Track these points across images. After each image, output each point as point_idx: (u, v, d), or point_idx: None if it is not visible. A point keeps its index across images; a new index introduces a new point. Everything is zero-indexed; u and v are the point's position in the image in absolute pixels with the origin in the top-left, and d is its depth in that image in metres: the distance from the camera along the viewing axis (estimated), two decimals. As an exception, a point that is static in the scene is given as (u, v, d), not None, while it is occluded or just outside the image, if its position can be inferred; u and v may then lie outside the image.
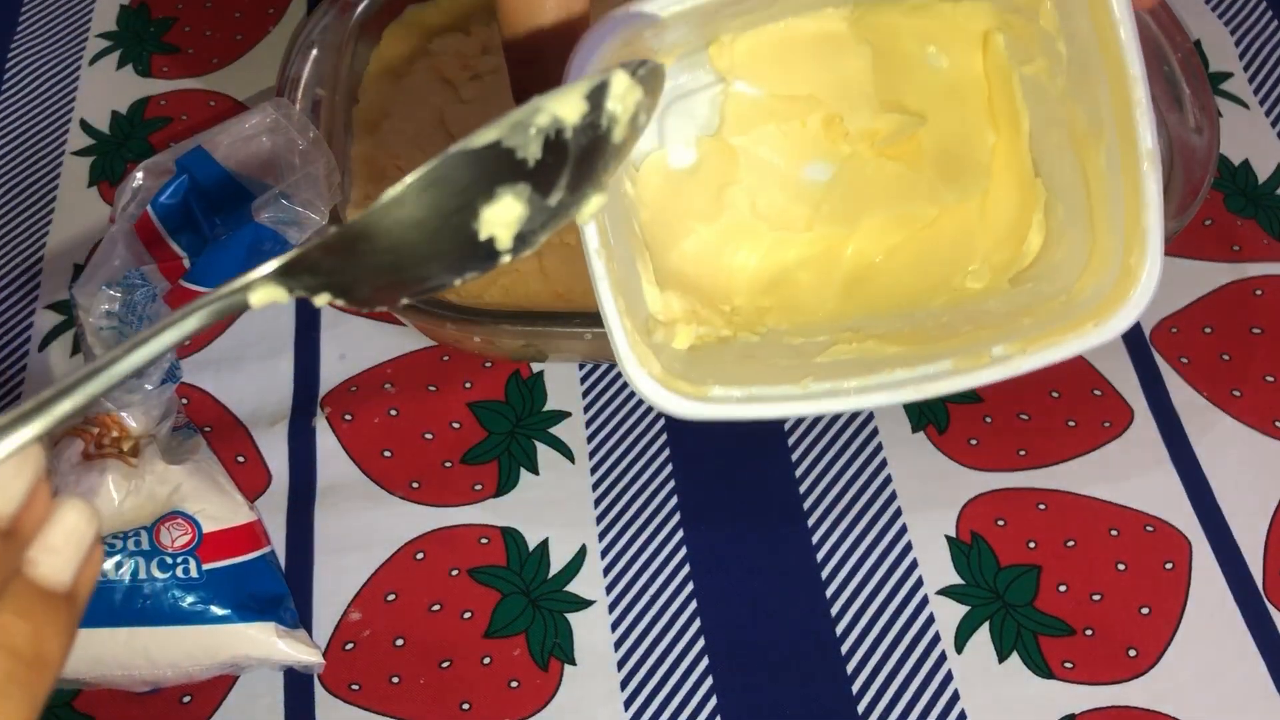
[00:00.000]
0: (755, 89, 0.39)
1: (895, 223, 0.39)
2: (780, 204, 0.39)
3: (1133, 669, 0.47)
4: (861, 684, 0.47)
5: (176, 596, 0.46)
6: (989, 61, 0.37)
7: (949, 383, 0.34)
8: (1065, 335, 0.34)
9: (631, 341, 0.34)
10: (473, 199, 0.27)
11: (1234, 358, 0.55)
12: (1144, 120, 0.32)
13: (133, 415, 0.49)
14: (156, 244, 0.55)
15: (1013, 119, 0.37)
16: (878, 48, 0.38)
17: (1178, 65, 0.55)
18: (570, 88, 0.28)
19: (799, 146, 0.39)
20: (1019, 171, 0.38)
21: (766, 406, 0.34)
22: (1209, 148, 0.52)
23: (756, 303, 0.39)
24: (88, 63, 0.68)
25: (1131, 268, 0.33)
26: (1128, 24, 0.32)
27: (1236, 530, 0.51)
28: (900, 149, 0.39)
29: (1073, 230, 0.35)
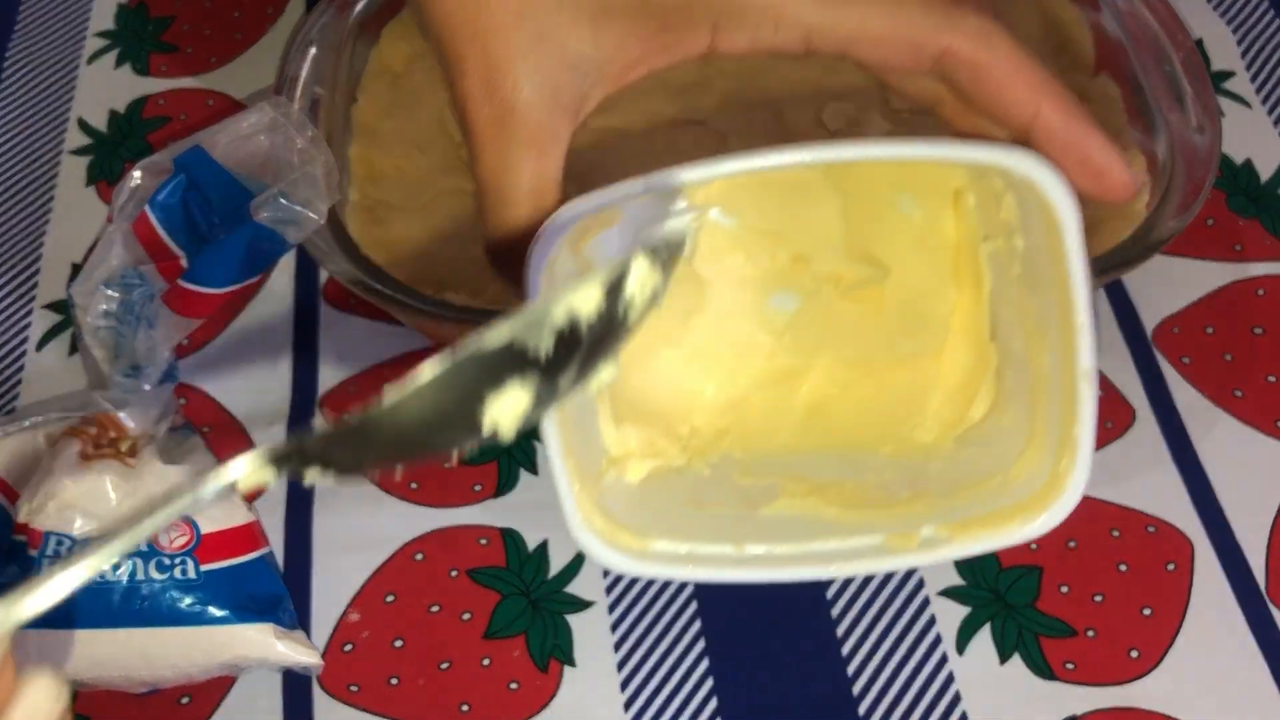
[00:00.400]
0: (729, 219, 0.39)
1: (851, 363, 0.40)
2: (745, 331, 0.40)
3: (1135, 670, 0.47)
4: (863, 685, 0.47)
5: (175, 597, 0.46)
6: (959, 220, 0.38)
7: (876, 562, 0.36)
8: (991, 529, 0.35)
9: (579, 501, 0.35)
10: (480, 392, 0.27)
11: (1236, 358, 0.55)
12: (1084, 342, 0.33)
13: (130, 415, 0.49)
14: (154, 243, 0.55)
15: (976, 281, 0.38)
16: (850, 195, 0.39)
17: (1179, 64, 0.54)
18: (589, 280, 0.28)
19: (767, 278, 0.40)
20: (976, 333, 0.38)
21: (704, 570, 0.36)
22: (1211, 147, 0.52)
23: (715, 423, 0.40)
24: (85, 61, 0.68)
25: (1061, 474, 0.34)
26: (1077, 256, 0.33)
27: (1239, 531, 0.51)
28: (864, 294, 0.40)
29: (1018, 402, 0.36)
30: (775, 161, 0.33)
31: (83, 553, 0.28)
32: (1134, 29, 0.56)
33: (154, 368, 0.50)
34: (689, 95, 0.55)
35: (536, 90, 0.33)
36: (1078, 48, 0.59)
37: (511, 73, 0.33)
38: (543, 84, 0.33)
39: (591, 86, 0.33)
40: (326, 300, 0.58)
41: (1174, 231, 0.49)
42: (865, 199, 0.39)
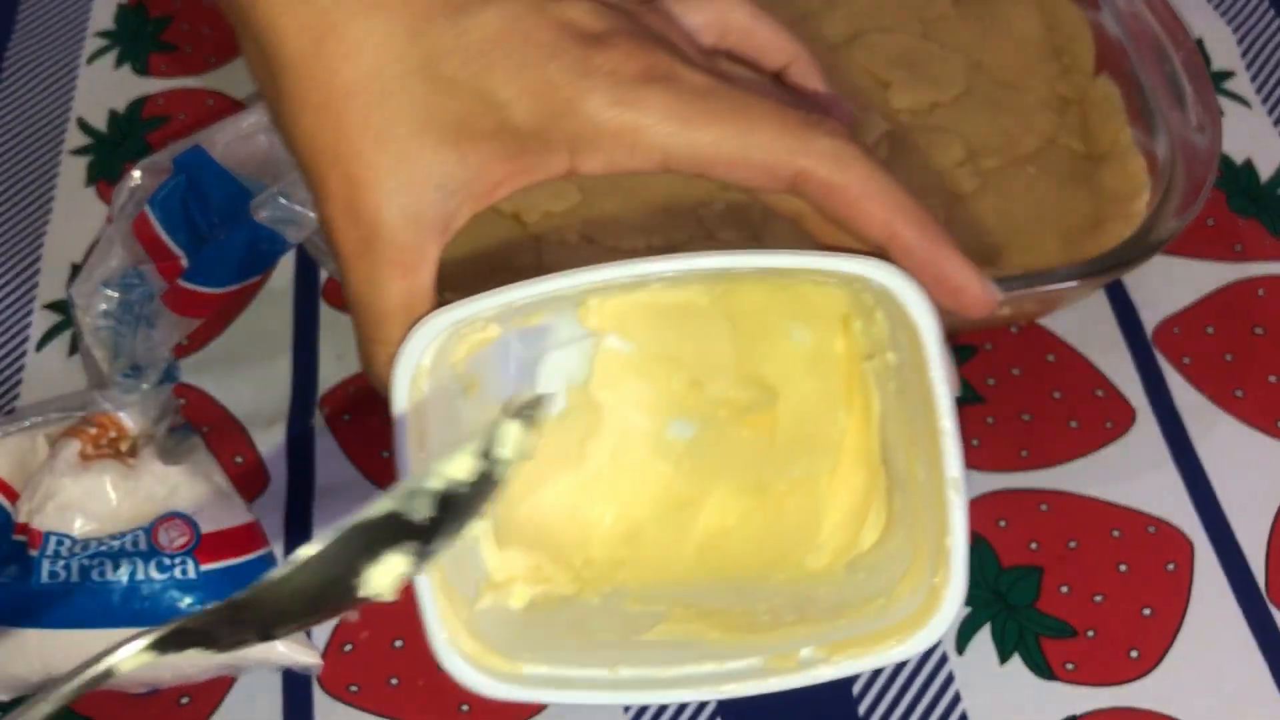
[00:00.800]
0: (626, 345, 0.40)
1: (746, 490, 0.40)
2: (641, 458, 0.40)
3: (1135, 670, 0.47)
4: (862, 684, 0.47)
5: (174, 597, 0.46)
6: (848, 344, 0.39)
7: (754, 684, 0.35)
8: (871, 648, 0.35)
9: (444, 617, 0.35)
10: (358, 565, 0.29)
11: (1236, 358, 0.55)
12: (950, 449, 0.33)
13: (130, 415, 0.49)
14: (154, 243, 0.55)
15: (866, 404, 0.38)
16: (739, 321, 0.39)
17: (1180, 64, 0.54)
18: (464, 448, 0.29)
19: (664, 404, 0.40)
20: (867, 456, 0.39)
21: (576, 693, 0.36)
22: (1211, 147, 0.52)
23: (611, 555, 0.40)
24: (85, 61, 0.68)
25: (937, 588, 0.34)
26: (936, 363, 0.33)
27: (1239, 531, 0.51)
28: (756, 418, 0.40)
29: (905, 525, 0.36)
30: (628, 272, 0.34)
31: None
32: (1134, 29, 0.56)
33: (154, 368, 0.50)
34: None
35: (400, 211, 0.33)
36: (1078, 48, 0.59)
37: (374, 195, 0.33)
38: (406, 205, 0.33)
39: (459, 204, 0.34)
40: (326, 300, 0.58)
41: (1174, 231, 0.49)
42: (755, 325, 0.39)
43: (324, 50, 0.33)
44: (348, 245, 0.34)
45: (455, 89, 0.33)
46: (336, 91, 0.33)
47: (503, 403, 0.37)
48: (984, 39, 0.60)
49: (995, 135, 0.56)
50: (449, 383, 0.36)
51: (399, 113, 0.33)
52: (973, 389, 0.54)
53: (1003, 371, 0.55)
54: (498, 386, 0.38)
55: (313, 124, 0.33)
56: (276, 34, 0.33)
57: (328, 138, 0.33)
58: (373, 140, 0.33)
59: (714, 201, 0.53)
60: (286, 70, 0.33)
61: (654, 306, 0.39)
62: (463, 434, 0.36)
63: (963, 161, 0.55)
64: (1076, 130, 0.57)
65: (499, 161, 0.33)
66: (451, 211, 0.34)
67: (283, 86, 0.33)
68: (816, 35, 0.60)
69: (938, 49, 0.59)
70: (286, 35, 0.33)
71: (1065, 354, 0.55)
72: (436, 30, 0.33)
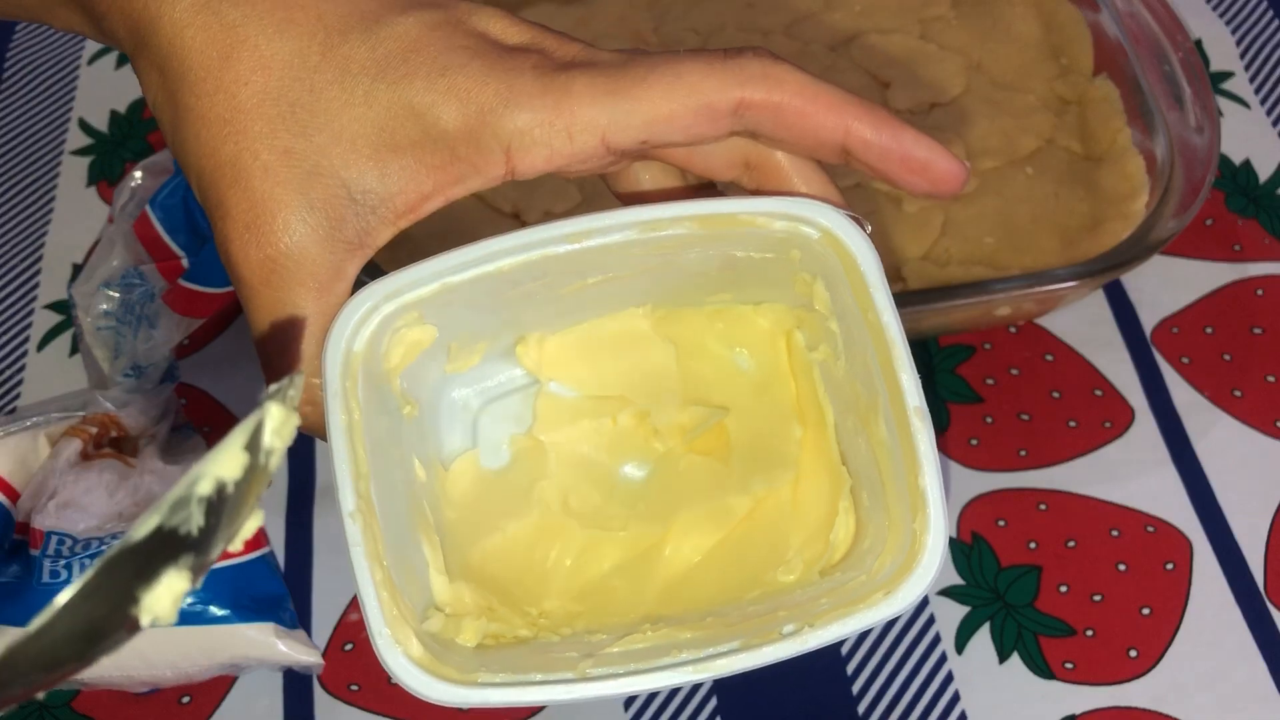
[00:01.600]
0: (568, 390, 0.39)
1: (709, 518, 0.39)
2: (594, 502, 0.39)
3: (1133, 669, 0.47)
4: (862, 684, 0.47)
5: (175, 597, 0.46)
6: (793, 358, 0.38)
7: (733, 661, 0.33)
8: (856, 607, 0.33)
9: (388, 615, 0.32)
10: (132, 590, 0.26)
11: (1235, 358, 0.55)
12: (907, 378, 0.33)
13: (131, 415, 0.49)
14: (155, 243, 0.55)
15: (818, 411, 0.38)
16: (681, 346, 0.39)
17: (1178, 64, 0.55)
18: (228, 443, 0.27)
19: (613, 445, 0.39)
20: (827, 463, 0.38)
21: (538, 691, 0.33)
22: (1210, 147, 0.52)
23: (569, 608, 0.38)
24: (86, 62, 0.68)
25: (917, 534, 0.33)
26: (881, 290, 0.33)
27: (1237, 530, 0.51)
28: (708, 443, 0.39)
29: (876, 517, 0.36)
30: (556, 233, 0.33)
31: None
32: (1133, 29, 0.56)
33: (154, 368, 0.50)
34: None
35: (311, 229, 0.31)
36: (1077, 48, 0.59)
37: (281, 212, 0.31)
38: (319, 221, 0.31)
39: (379, 221, 0.32)
40: (327, 300, 0.58)
41: (1173, 231, 0.49)
42: (697, 353, 0.39)
43: (232, 64, 0.31)
44: (250, 268, 0.32)
45: (373, 100, 0.31)
46: (243, 105, 0.31)
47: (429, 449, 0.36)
48: (983, 40, 0.60)
49: (994, 136, 0.57)
50: (384, 393, 0.34)
51: (311, 125, 0.31)
52: (971, 389, 0.54)
53: (1001, 371, 0.55)
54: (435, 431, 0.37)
55: (214, 138, 0.32)
56: (181, 49, 0.31)
57: (228, 152, 0.31)
58: (281, 153, 0.31)
59: None
60: (188, 85, 0.31)
61: (593, 340, 0.38)
62: (406, 458, 0.35)
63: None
64: (1075, 131, 0.57)
65: (426, 172, 0.32)
66: (369, 228, 0.32)
67: (183, 102, 0.32)
68: (816, 35, 0.60)
69: (937, 50, 0.60)
70: (191, 50, 0.31)
71: (1064, 354, 0.55)
72: (351, 43, 0.31)
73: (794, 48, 0.59)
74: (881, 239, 0.52)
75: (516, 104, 0.31)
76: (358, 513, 0.32)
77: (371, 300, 0.32)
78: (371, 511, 0.33)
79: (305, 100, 0.31)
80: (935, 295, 0.49)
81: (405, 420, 0.36)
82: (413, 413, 0.36)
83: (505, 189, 0.55)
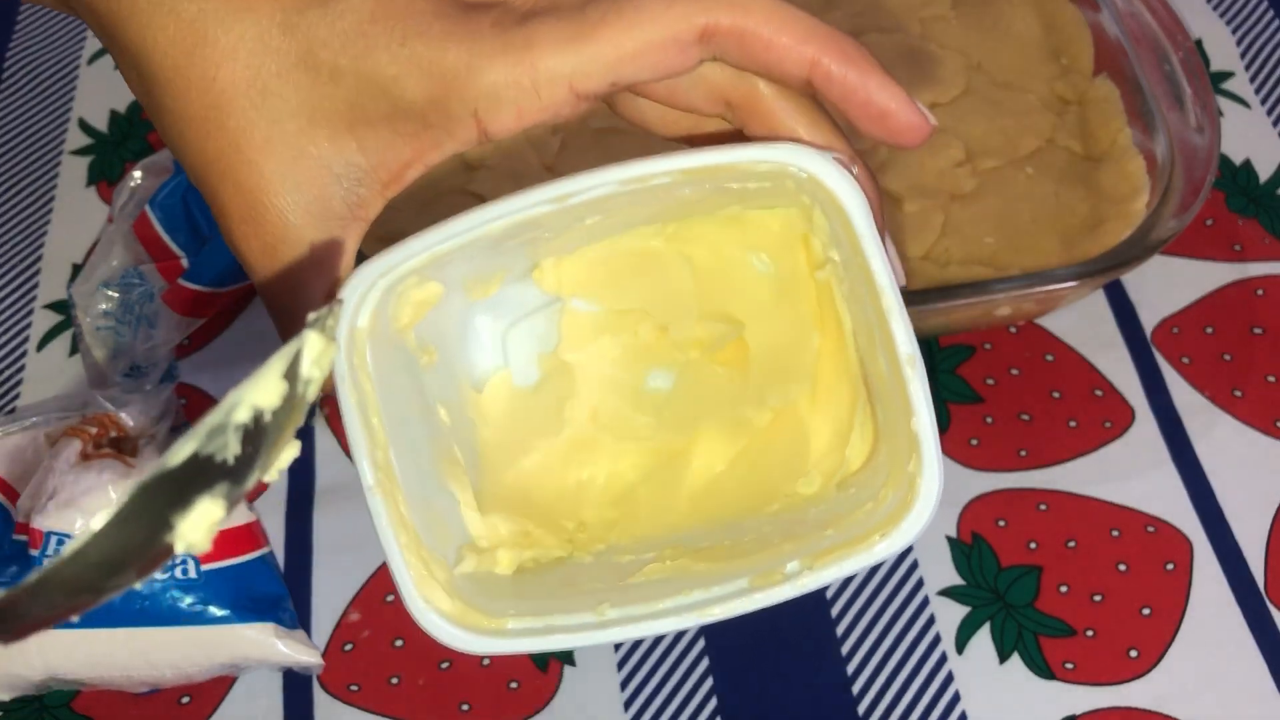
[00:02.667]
0: (590, 305, 0.39)
1: (730, 429, 0.39)
2: (623, 414, 0.39)
3: (1134, 670, 0.47)
4: (862, 684, 0.47)
5: (175, 597, 0.46)
6: (811, 264, 0.38)
7: (741, 603, 0.34)
8: (854, 550, 0.33)
9: (417, 577, 0.34)
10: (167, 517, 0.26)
11: (1235, 358, 0.55)
12: (899, 326, 0.32)
13: (131, 415, 0.49)
14: (154, 243, 0.55)
15: (836, 319, 0.37)
16: (697, 260, 0.38)
17: (1179, 64, 0.55)
18: (266, 371, 0.27)
19: (637, 356, 0.39)
20: (845, 373, 0.37)
21: (562, 638, 0.35)
22: (1210, 147, 0.52)
23: (604, 516, 0.39)
24: (86, 62, 0.68)
25: (912, 476, 0.33)
26: (869, 237, 0.32)
27: (1238, 530, 0.51)
28: (728, 354, 0.39)
29: (888, 435, 0.36)
30: (544, 196, 0.33)
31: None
32: (1133, 29, 0.56)
33: (154, 368, 0.50)
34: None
35: (304, 210, 0.32)
36: (1077, 48, 0.59)
37: (272, 200, 0.32)
38: (309, 202, 0.32)
39: (368, 191, 0.33)
40: (327, 300, 0.58)
41: (1173, 231, 0.49)
42: (714, 261, 0.39)
43: (197, 60, 0.31)
44: (256, 257, 0.33)
45: (339, 76, 0.31)
46: (215, 99, 0.31)
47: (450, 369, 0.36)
48: (983, 40, 0.60)
49: (994, 136, 0.56)
50: (398, 351, 0.35)
51: (284, 110, 0.31)
52: (972, 389, 0.54)
53: (1002, 371, 0.55)
54: (464, 359, 0.38)
55: (197, 136, 0.32)
56: (147, 50, 0.32)
57: (213, 149, 0.32)
58: (260, 143, 0.32)
59: None
60: (160, 85, 0.32)
61: (609, 259, 0.38)
62: (428, 407, 0.36)
63: (962, 162, 0.55)
64: (1075, 131, 0.57)
65: (403, 142, 0.32)
66: (360, 200, 0.33)
67: (161, 103, 0.32)
68: (816, 36, 0.60)
69: (937, 49, 0.60)
70: (156, 50, 0.32)
71: (1064, 354, 0.55)
72: (310, 20, 0.31)
73: (794, 47, 0.59)
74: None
75: (479, 68, 0.31)
76: (377, 486, 0.33)
77: (365, 281, 0.33)
78: (392, 479, 0.34)
79: (274, 86, 0.31)
80: (935, 295, 0.49)
81: (424, 370, 0.36)
82: (431, 360, 0.36)
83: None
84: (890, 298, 0.32)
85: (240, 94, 0.31)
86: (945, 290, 0.49)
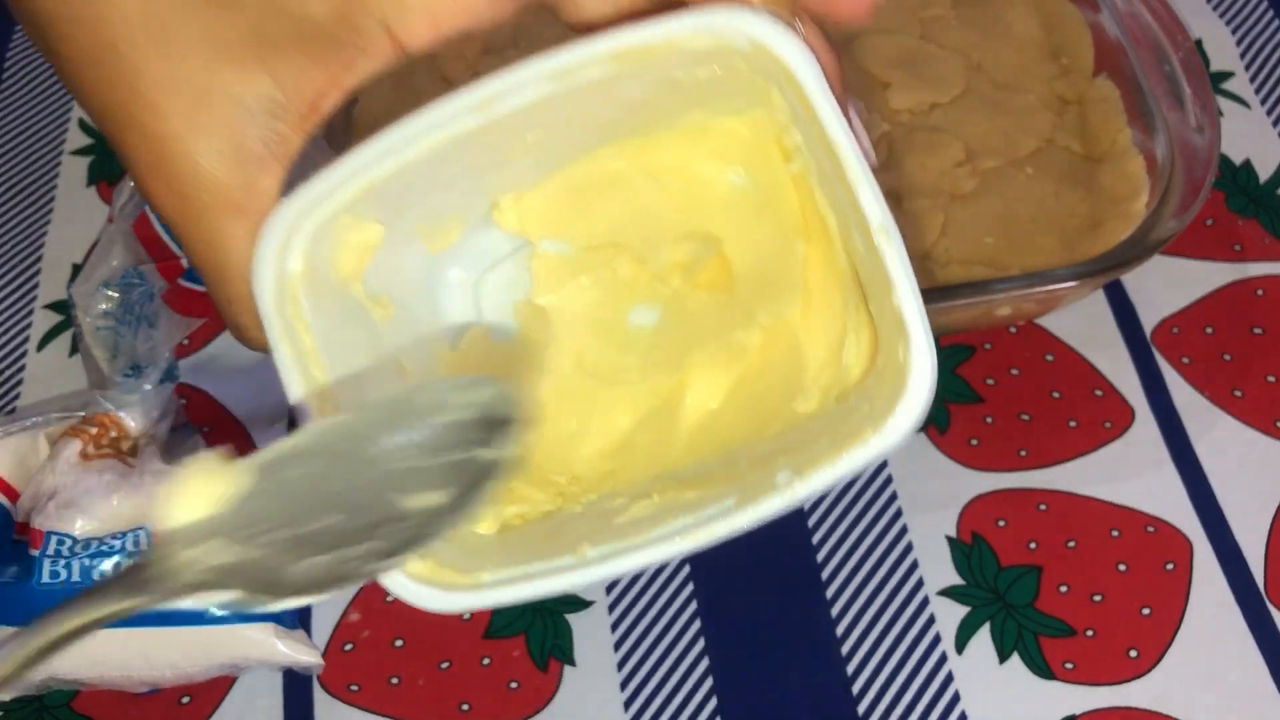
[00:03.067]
0: (560, 245, 0.36)
1: (722, 356, 0.36)
2: (609, 357, 0.37)
3: (1134, 670, 0.47)
4: (862, 684, 0.47)
5: (175, 597, 0.46)
6: (789, 165, 0.35)
7: (727, 524, 0.31)
8: (846, 449, 0.30)
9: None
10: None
11: (1235, 358, 0.55)
12: (867, 196, 0.29)
13: (131, 415, 0.49)
14: (155, 243, 0.55)
15: (820, 222, 0.34)
16: (665, 179, 0.36)
17: (1179, 64, 0.55)
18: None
19: (616, 294, 0.37)
20: (836, 278, 0.35)
21: (541, 584, 0.32)
22: (1210, 147, 0.52)
23: (599, 468, 0.36)
24: (86, 62, 0.68)
25: (902, 362, 0.30)
26: (823, 99, 0.30)
27: (1238, 531, 0.51)
28: (710, 277, 0.36)
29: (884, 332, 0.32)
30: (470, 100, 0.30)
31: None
32: (1133, 29, 0.56)
33: (154, 368, 0.50)
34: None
35: (216, 153, 0.29)
36: (1077, 48, 0.59)
37: (179, 144, 0.29)
38: (221, 145, 0.29)
39: (286, 127, 0.30)
40: (327, 300, 0.58)
41: (1174, 231, 0.49)
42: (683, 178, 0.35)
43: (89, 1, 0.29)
44: (170, 208, 0.30)
45: (240, 4, 0.29)
46: (109, 39, 0.29)
47: (438, 330, 0.34)
48: (983, 40, 0.60)
49: (994, 136, 0.56)
50: (345, 302, 0.32)
51: (184, 45, 0.29)
52: (972, 389, 0.54)
53: (1002, 371, 0.55)
54: (433, 317, 0.35)
55: (94, 81, 0.29)
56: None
57: (111, 94, 0.29)
58: (163, 84, 0.29)
59: None
60: (55, 31, 0.29)
61: (571, 190, 0.35)
62: (386, 359, 0.33)
63: (962, 162, 0.55)
64: (1075, 131, 0.57)
65: (315, 67, 0.30)
66: (279, 137, 0.30)
67: (58, 50, 0.30)
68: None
69: (937, 50, 0.60)
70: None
71: (1064, 354, 0.55)
72: None
73: (794, 48, 0.59)
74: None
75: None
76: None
77: (285, 221, 0.30)
78: None
79: (171, 18, 0.29)
80: (935, 295, 0.49)
81: (381, 324, 0.34)
82: (388, 314, 0.34)
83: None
84: (854, 165, 0.29)
85: (136, 30, 0.29)
86: (945, 290, 0.49)
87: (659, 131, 0.35)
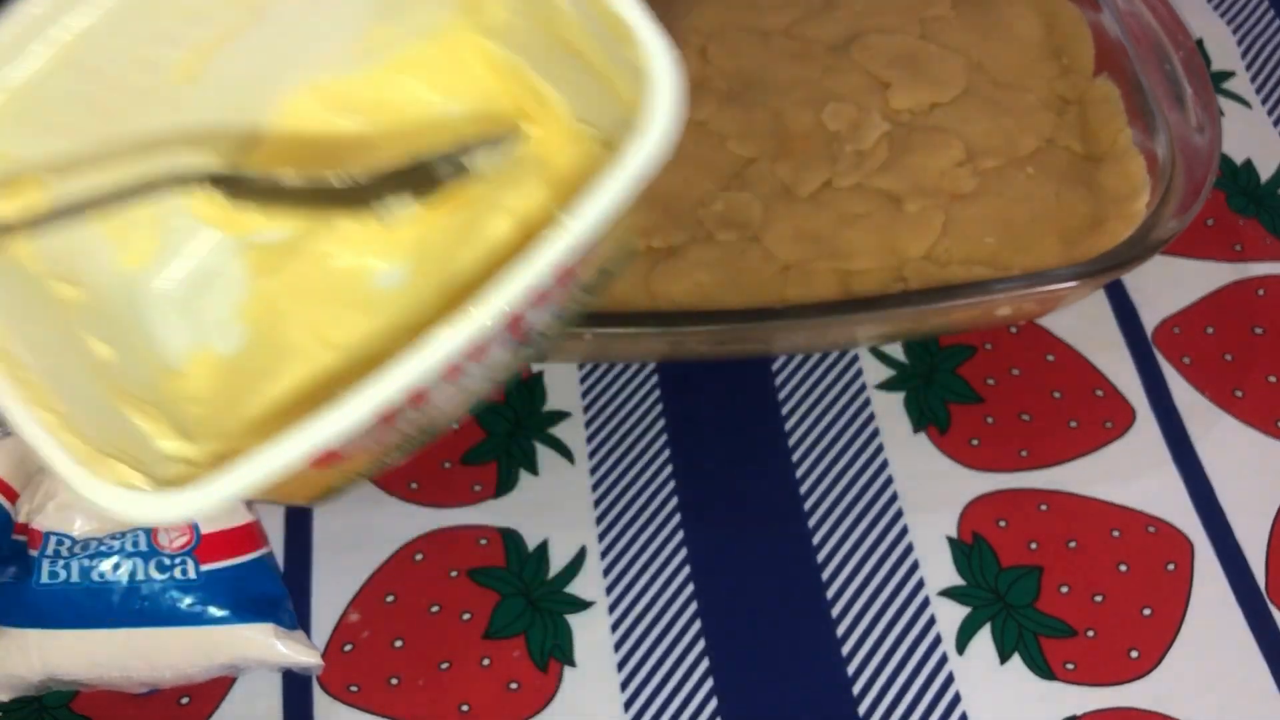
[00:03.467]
0: (270, 235, 0.34)
1: (484, 253, 0.35)
2: (360, 327, 0.34)
3: (1135, 670, 0.47)
4: (863, 685, 0.47)
5: (174, 597, 0.46)
6: (497, 70, 0.34)
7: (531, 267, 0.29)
8: (616, 165, 0.28)
9: (77, 455, 0.28)
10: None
11: (1236, 358, 0.55)
12: None
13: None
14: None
15: (540, 98, 0.34)
16: (381, 119, 0.34)
17: (1180, 64, 0.54)
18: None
19: (350, 255, 0.34)
20: (572, 138, 0.34)
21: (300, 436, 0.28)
22: (1211, 147, 0.52)
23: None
24: (86, 62, 0.68)
25: (641, 67, 0.28)
26: None
27: (1238, 531, 0.51)
28: (449, 201, 0.35)
29: (584, 88, 0.32)
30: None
31: None
32: (1134, 29, 0.56)
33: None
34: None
35: None
36: (1077, 48, 0.59)
37: None
38: None
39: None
40: (326, 300, 0.58)
41: (1174, 231, 0.49)
42: (399, 117, 0.34)
43: None
44: None
45: None
46: None
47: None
48: (983, 39, 0.60)
49: (995, 135, 0.56)
50: (15, 270, 0.30)
51: None
52: (972, 389, 0.54)
53: (1002, 371, 0.55)
54: (157, 328, 0.33)
55: None
56: None
57: None
58: None
59: (714, 201, 0.53)
60: None
61: (280, 151, 0.34)
62: (72, 337, 0.31)
63: (962, 162, 0.55)
64: (1076, 131, 0.57)
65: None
66: None
67: None
68: (816, 35, 0.60)
69: (937, 49, 0.59)
70: None
71: (1065, 354, 0.55)
72: None
73: (794, 48, 0.59)
74: (881, 239, 0.52)
75: None
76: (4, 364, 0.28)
77: None
78: (19, 365, 0.29)
79: None
80: (936, 295, 0.49)
81: (66, 303, 0.32)
82: (76, 295, 0.32)
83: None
84: None
85: None
86: (945, 290, 0.49)
87: (356, 70, 0.33)
